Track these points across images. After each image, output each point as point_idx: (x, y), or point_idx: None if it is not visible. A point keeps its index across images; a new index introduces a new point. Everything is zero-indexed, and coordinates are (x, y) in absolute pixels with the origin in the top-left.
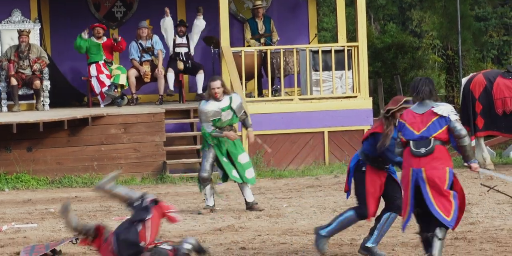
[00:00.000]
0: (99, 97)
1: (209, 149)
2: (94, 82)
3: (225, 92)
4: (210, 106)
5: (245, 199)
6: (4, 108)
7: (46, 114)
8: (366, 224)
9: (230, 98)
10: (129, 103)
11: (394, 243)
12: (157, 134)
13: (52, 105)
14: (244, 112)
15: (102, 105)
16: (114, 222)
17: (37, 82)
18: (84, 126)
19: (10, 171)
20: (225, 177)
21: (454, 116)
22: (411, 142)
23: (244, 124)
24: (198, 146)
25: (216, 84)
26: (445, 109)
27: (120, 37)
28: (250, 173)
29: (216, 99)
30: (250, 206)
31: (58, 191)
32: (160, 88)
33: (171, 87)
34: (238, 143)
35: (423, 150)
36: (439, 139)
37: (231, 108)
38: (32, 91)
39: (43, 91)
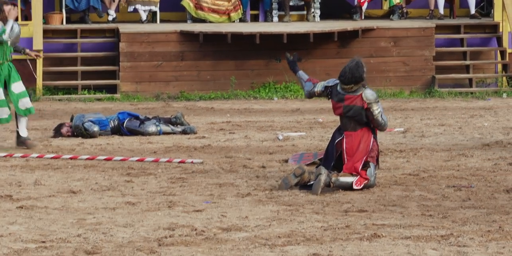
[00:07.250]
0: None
1: None
2: None
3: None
4: None
5: (17, 131)
6: (275, 18)
7: (317, 25)
8: None
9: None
10: (399, 17)
11: None
12: (427, 48)
13: (323, 16)
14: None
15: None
16: None
17: None
18: (354, 38)
19: (279, 81)
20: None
21: None
22: None
23: (17, 49)
24: (468, 62)
25: None
26: None
27: None
28: (23, 104)
29: None
30: (22, 141)
31: (327, 102)
32: (430, 3)
33: (441, 10)
34: (14, 70)
35: None
36: None
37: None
38: (302, 2)
39: (314, 2)
